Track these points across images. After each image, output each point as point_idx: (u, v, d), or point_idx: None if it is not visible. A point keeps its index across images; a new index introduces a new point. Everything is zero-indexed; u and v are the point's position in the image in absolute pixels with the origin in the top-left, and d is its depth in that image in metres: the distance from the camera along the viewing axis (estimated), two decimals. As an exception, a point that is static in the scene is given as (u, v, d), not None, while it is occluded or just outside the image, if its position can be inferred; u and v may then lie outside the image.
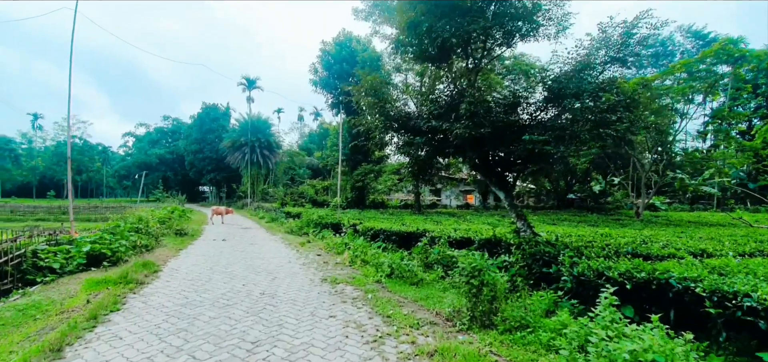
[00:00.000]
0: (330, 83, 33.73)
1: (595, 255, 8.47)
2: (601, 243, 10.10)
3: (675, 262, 7.08)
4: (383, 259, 9.55)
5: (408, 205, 37.76)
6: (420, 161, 10.29)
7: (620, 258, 8.20)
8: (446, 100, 9.11)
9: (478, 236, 11.33)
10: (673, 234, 14.33)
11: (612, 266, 6.67)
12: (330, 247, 13.65)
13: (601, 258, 8.21)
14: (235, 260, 11.01)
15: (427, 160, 10.47)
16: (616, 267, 6.55)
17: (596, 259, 7.62)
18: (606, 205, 39.21)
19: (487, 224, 17.95)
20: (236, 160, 52.35)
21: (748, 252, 8.87)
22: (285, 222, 23.97)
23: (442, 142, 9.20)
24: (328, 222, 18.64)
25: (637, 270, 6.34)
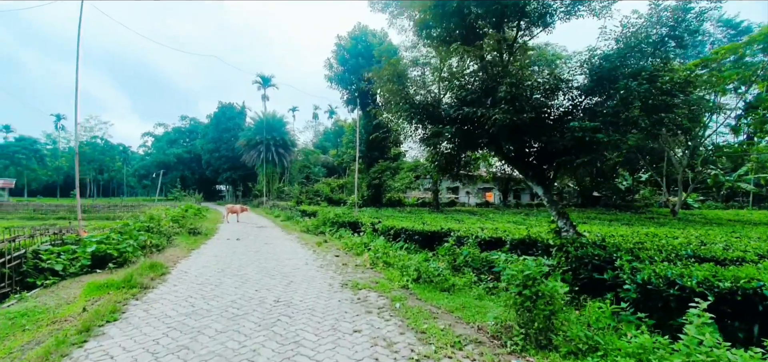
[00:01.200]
0: (345, 78, 32.99)
1: (652, 258, 7.41)
2: (653, 245, 9.00)
3: (752, 267, 5.98)
4: (409, 262, 8.65)
5: (425, 203, 36.77)
6: (447, 154, 9.35)
7: (681, 262, 7.13)
8: (478, 84, 8.15)
9: (510, 236, 10.35)
10: (724, 233, 13.01)
11: (685, 273, 5.63)
12: (348, 247, 12.83)
13: (661, 262, 7.15)
14: (249, 261, 10.29)
15: (456, 153, 9.52)
16: (692, 273, 5.52)
17: (659, 263, 6.57)
18: (634, 203, 37.41)
19: (512, 222, 16.87)
20: (251, 158, 52.21)
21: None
22: (301, 220, 23.32)
23: (474, 132, 8.24)
24: (346, 220, 17.86)
25: (717, 278, 5.30)
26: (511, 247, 10.06)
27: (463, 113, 7.93)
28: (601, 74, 7.63)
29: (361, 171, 34.19)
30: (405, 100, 8.94)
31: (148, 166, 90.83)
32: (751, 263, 6.79)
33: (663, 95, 7.22)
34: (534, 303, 4.70)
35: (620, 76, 7.57)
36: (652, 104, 7.27)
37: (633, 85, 7.13)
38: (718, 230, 14.62)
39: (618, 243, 8.60)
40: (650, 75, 7.30)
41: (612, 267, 7.06)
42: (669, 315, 5.94)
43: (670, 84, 7.30)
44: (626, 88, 7.15)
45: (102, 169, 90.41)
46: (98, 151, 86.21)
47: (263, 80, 53.62)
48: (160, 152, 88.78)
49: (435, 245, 12.37)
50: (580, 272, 7.80)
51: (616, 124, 7.37)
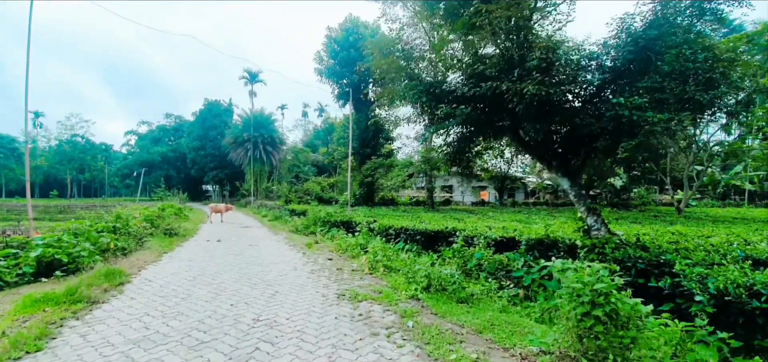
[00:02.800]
0: (336, 72, 31.56)
1: (702, 261, 6.26)
2: (692, 245, 7.90)
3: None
4: (415, 266, 7.34)
5: (420, 202, 35.55)
6: (458, 142, 8.09)
7: (738, 265, 6.00)
8: (499, 56, 6.90)
9: (525, 236, 9.15)
10: (749, 231, 12.06)
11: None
12: (342, 249, 11.49)
13: (709, 265, 6.00)
14: (228, 266, 8.87)
15: (468, 140, 8.26)
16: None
17: (729, 268, 5.41)
18: (630, 201, 36.70)
19: (516, 221, 15.72)
20: (239, 156, 50.37)
21: None
22: (289, 220, 21.85)
23: (493, 113, 7.00)
24: (338, 220, 16.49)
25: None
26: (527, 248, 8.88)
27: (481, 90, 6.68)
28: (644, 44, 6.44)
29: (353, 169, 32.82)
30: (411, 78, 7.67)
31: (130, 165, 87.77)
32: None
33: (708, 71, 6.07)
34: (607, 327, 3.44)
35: (666, 47, 6.40)
36: (709, 78, 6.11)
37: (687, 53, 5.95)
38: (735, 228, 13.68)
39: (659, 243, 7.45)
40: (692, 54, 6.15)
41: (668, 272, 5.88)
42: (752, 333, 4.77)
43: (714, 59, 6.17)
44: (679, 57, 5.97)
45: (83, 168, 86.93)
46: (79, 149, 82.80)
47: (250, 76, 51.79)
48: (143, 151, 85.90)
49: (438, 246, 11.12)
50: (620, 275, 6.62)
51: (665, 102, 6.19)
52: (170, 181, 76.66)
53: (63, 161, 79.83)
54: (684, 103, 6.06)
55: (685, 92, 6.05)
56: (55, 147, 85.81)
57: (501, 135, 7.93)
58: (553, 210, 27.60)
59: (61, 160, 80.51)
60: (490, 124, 7.28)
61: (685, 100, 6.04)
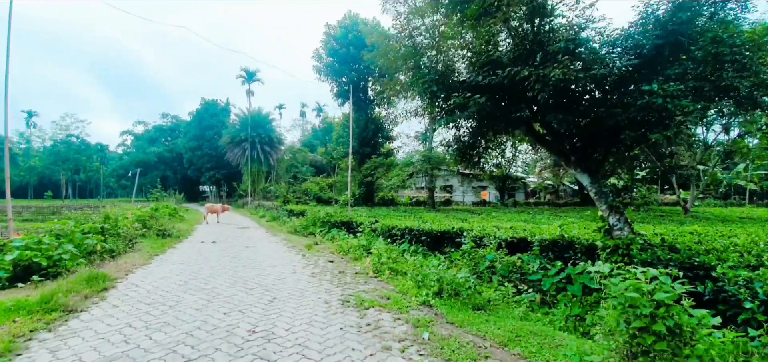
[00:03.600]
0: (335, 69, 30.97)
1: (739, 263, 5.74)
2: (720, 246, 7.39)
3: None
4: (426, 270, 6.78)
5: (420, 202, 35.01)
6: (469, 137, 7.55)
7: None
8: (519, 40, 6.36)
9: (537, 236, 8.62)
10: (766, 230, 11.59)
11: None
12: (344, 251, 10.92)
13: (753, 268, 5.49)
14: (222, 270, 8.29)
15: (479, 134, 7.72)
16: None
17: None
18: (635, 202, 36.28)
19: (522, 221, 15.20)
20: (236, 156, 49.66)
21: None
22: (288, 220, 21.27)
23: (510, 103, 6.46)
24: (338, 220, 15.92)
25: None
26: (541, 249, 8.35)
27: (496, 79, 6.13)
28: (674, 28, 5.91)
29: (353, 168, 32.28)
30: (418, 67, 7.12)
31: (126, 165, 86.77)
32: None
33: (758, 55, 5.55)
34: (669, 344, 2.88)
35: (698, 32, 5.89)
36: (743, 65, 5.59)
37: (725, 37, 5.43)
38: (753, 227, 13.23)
39: (688, 244, 6.92)
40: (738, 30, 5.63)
41: (706, 276, 5.36)
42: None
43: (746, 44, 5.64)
44: (716, 42, 5.44)
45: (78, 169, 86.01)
46: (73, 150, 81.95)
47: (248, 74, 51.10)
48: (139, 151, 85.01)
49: (444, 247, 10.59)
50: (648, 282, 6.09)
51: (700, 90, 5.66)
52: (167, 181, 75.85)
53: (57, 162, 78.94)
54: (721, 91, 5.54)
55: (722, 79, 5.52)
56: (50, 147, 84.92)
57: (516, 128, 7.38)
58: (557, 210, 27.12)
59: (56, 160, 79.61)
60: (505, 116, 6.74)
61: (722, 88, 5.52)
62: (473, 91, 6.22)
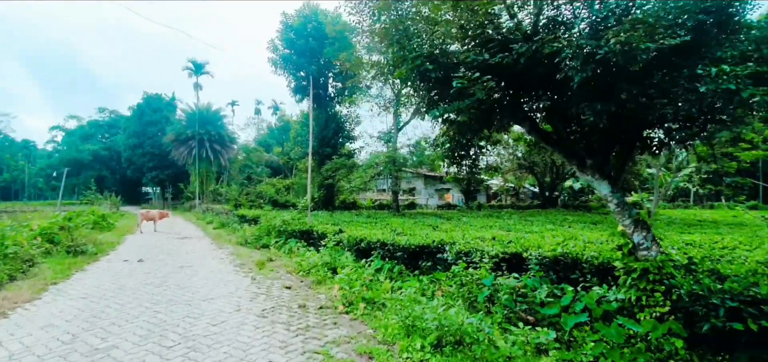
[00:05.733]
0: (293, 62, 28.62)
1: None
2: (729, 256, 6.45)
3: None
4: (418, 307, 5.10)
5: (383, 206, 33.49)
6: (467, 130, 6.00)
7: None
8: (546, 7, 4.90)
9: (533, 251, 7.28)
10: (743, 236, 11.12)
11: None
12: (304, 271, 9.05)
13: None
14: (137, 309, 6.15)
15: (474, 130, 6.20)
16: None
17: None
18: (589, 204, 37.10)
19: (496, 227, 14.02)
20: (182, 155, 45.48)
21: None
22: (238, 228, 18.86)
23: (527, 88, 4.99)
24: (297, 229, 13.90)
25: None
26: (542, 268, 7.01)
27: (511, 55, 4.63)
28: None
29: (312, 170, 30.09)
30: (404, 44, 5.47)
31: (55, 164, 77.89)
32: None
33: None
34: None
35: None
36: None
37: None
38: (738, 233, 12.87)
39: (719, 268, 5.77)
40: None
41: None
42: None
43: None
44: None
45: (0, 168, 76.02)
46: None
47: (195, 66, 47.01)
48: (71, 148, 76.59)
49: (421, 262, 9.06)
50: (695, 317, 4.86)
51: (761, 76, 4.46)
52: (103, 182, 68.79)
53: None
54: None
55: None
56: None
57: (521, 122, 5.94)
58: (522, 213, 26.69)
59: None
60: (514, 107, 5.27)
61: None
62: (480, 71, 4.67)
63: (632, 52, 3.64)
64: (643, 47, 3.61)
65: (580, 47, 3.85)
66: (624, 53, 3.64)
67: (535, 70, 4.71)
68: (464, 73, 4.63)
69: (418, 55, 4.90)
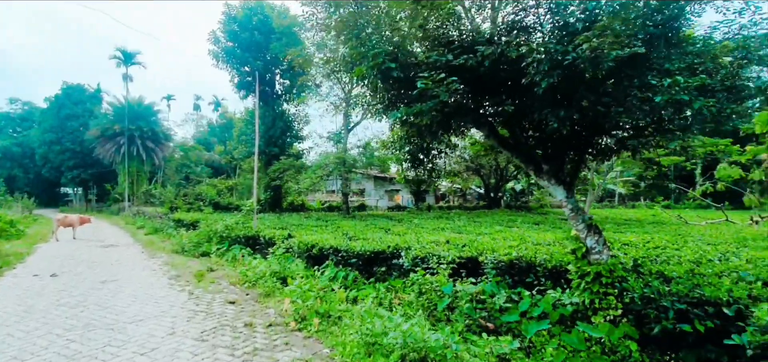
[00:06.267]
0: (237, 56, 27.00)
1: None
2: (662, 255, 6.87)
3: None
4: (379, 321, 4.73)
5: (332, 207, 32.82)
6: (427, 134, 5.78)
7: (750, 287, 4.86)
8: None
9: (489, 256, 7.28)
10: (674, 234, 12.12)
11: None
12: (250, 282, 8.34)
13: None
14: (46, 340, 5.18)
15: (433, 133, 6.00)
16: None
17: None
18: (529, 204, 39.22)
19: (449, 229, 14.14)
20: (109, 153, 41.27)
21: None
22: (174, 234, 17.30)
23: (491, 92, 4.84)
24: (241, 235, 12.98)
25: None
26: (498, 272, 7.01)
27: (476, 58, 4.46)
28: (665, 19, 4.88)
29: (259, 170, 28.63)
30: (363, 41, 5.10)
31: (-48, 162, 67.56)
32: None
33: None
34: None
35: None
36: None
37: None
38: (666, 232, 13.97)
39: (661, 269, 6.05)
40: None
41: (717, 314, 4.37)
42: None
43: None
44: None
45: None
46: None
47: (125, 55, 42.90)
48: (-26, 144, 66.69)
49: (375, 268, 8.77)
50: (646, 319, 5.02)
51: (707, 88, 4.69)
52: (14, 182, 60.57)
53: None
54: (730, 91, 4.66)
55: (729, 76, 4.64)
56: None
57: (480, 127, 5.83)
58: (470, 213, 27.46)
59: None
60: (477, 111, 5.11)
61: (731, 87, 4.64)
62: (446, 72, 4.43)
63: (600, 59, 3.59)
64: (613, 55, 3.56)
65: (549, 52, 3.74)
66: (592, 60, 3.58)
67: (499, 74, 4.59)
68: (430, 74, 4.35)
69: (380, 52, 4.55)
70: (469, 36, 4.84)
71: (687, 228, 15.20)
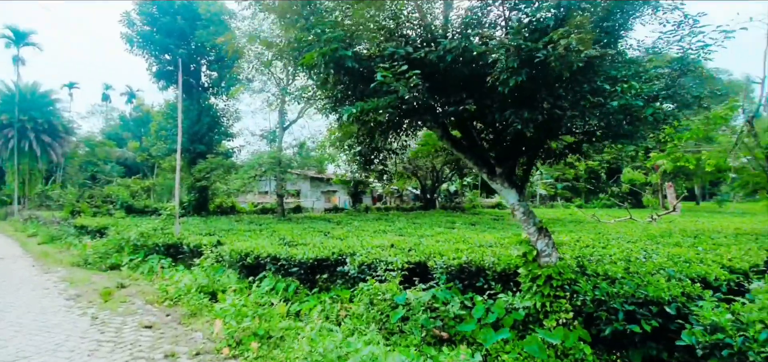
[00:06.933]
0: (156, 42, 24.20)
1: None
2: (592, 254, 7.24)
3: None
4: (331, 345, 4.16)
5: (266, 210, 31.06)
6: (379, 133, 5.34)
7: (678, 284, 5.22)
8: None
9: (439, 260, 7.12)
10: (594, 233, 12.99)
11: None
12: (171, 299, 7.22)
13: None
14: None
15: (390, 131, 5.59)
16: None
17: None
18: (463, 205, 40.81)
19: (391, 232, 13.87)
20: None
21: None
22: (76, 243, 14.88)
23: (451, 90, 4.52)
24: (160, 242, 11.45)
25: None
26: (449, 278, 6.84)
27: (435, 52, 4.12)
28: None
29: (182, 169, 25.99)
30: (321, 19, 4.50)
31: None
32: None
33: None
34: None
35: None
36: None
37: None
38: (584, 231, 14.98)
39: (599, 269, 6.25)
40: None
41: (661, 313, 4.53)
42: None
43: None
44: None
45: None
46: None
47: (15, 35, 36.54)
48: None
49: (317, 277, 8.16)
50: (596, 321, 5.09)
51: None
52: None
53: None
54: (672, 99, 4.87)
55: (670, 85, 4.86)
56: None
57: (431, 127, 5.54)
58: (408, 214, 27.65)
59: None
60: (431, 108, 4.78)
61: (673, 95, 4.85)
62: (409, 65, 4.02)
63: (569, 58, 3.44)
64: (584, 55, 3.42)
65: (520, 48, 3.50)
66: (562, 58, 3.41)
67: (461, 70, 4.30)
68: (392, 66, 3.90)
69: (333, 38, 4.00)
70: (420, 31, 4.49)
71: (602, 226, 16.53)
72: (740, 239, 10.82)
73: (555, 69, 3.48)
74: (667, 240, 10.55)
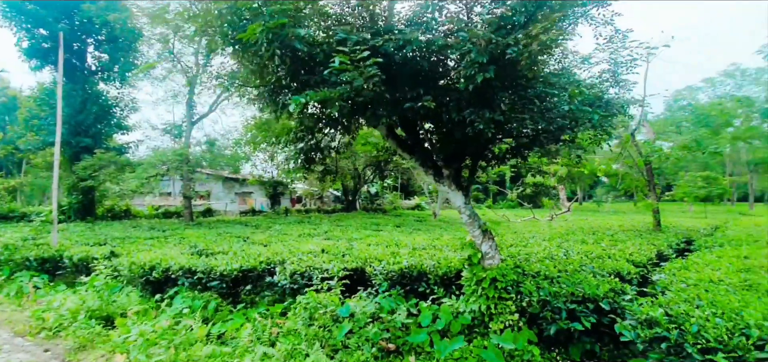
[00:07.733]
0: (28, 12, 19.98)
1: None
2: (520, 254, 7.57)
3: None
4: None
5: (171, 213, 27.71)
6: (330, 124, 4.80)
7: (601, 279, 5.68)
8: None
9: (379, 266, 6.85)
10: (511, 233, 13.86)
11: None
12: (51, 330, 5.74)
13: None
14: None
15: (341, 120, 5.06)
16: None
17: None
18: (384, 207, 41.32)
19: (316, 235, 13.21)
20: None
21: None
22: None
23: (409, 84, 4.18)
24: (32, 256, 9.26)
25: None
26: (392, 283, 6.58)
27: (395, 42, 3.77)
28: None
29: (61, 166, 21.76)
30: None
31: None
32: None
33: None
34: None
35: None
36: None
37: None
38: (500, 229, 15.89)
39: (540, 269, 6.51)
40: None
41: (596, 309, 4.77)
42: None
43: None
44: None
45: None
46: None
47: None
48: None
49: (240, 290, 7.30)
50: (540, 320, 5.18)
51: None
52: None
53: None
54: (605, 107, 5.18)
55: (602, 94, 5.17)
56: None
57: (375, 123, 5.16)
58: (331, 217, 26.95)
59: None
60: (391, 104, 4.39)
61: (606, 104, 5.17)
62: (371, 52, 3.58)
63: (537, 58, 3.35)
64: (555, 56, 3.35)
65: (490, 42, 3.30)
66: (532, 56, 3.30)
67: (421, 64, 4.00)
68: (352, 50, 3.42)
69: (282, 10, 3.39)
70: (365, 20, 4.10)
71: (513, 225, 17.83)
72: (629, 234, 12.42)
73: (524, 66, 3.35)
74: (573, 237, 11.57)
